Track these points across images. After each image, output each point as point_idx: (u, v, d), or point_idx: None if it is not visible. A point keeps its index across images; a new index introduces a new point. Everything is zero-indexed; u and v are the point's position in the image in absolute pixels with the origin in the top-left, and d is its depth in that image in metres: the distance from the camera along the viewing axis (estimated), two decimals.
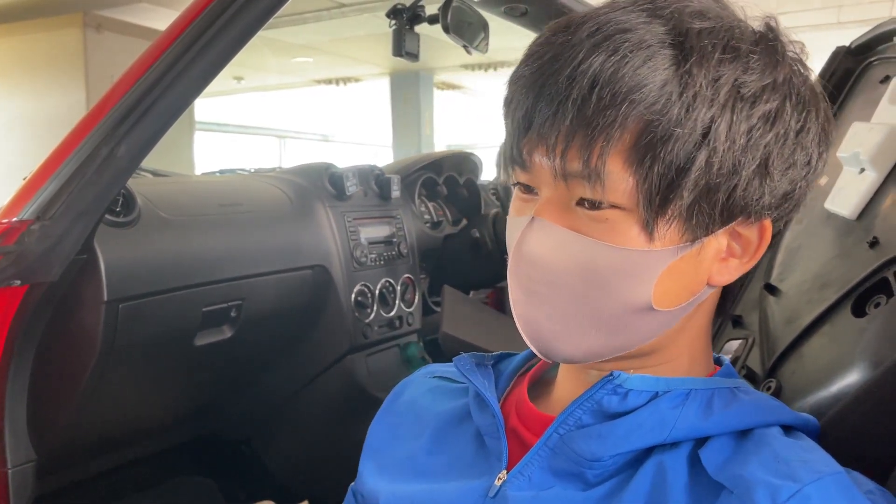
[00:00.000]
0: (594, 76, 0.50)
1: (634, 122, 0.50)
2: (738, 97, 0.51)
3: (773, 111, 0.52)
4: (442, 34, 1.46)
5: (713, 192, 0.52)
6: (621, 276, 0.53)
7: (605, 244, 0.53)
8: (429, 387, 0.74)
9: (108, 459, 1.54)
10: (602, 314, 0.55)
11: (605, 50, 0.51)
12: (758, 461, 0.51)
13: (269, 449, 1.78)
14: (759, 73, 0.52)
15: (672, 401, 0.56)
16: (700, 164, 0.51)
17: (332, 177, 1.69)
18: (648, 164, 0.51)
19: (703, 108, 0.50)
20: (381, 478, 0.67)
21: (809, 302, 0.87)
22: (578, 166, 0.52)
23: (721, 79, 0.51)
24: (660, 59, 0.51)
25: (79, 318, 1.17)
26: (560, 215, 0.55)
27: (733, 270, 0.57)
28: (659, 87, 0.50)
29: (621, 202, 0.52)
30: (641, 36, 0.51)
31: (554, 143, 0.52)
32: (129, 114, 1.02)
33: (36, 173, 1.05)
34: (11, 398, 1.10)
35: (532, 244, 0.55)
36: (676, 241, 0.53)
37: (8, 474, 1.10)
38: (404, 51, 1.49)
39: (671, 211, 0.52)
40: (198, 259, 1.32)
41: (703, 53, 0.51)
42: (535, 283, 0.56)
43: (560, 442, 0.57)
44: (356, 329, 1.67)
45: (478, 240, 1.90)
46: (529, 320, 0.57)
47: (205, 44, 1.03)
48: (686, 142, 0.50)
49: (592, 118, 0.50)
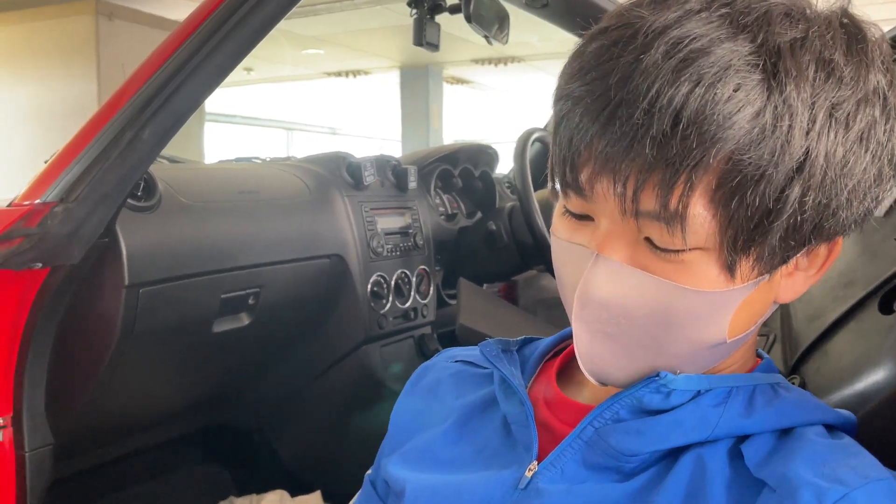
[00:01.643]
0: (676, 111, 0.45)
1: (722, 161, 0.45)
2: (833, 120, 0.46)
3: (867, 128, 0.48)
4: (453, 28, 1.45)
5: (802, 226, 0.48)
6: (698, 317, 0.50)
7: (682, 288, 0.49)
8: (451, 371, 0.71)
9: (122, 445, 1.54)
10: (672, 351, 0.53)
11: (689, 79, 0.45)
12: (802, 460, 0.50)
13: (282, 438, 1.78)
14: (852, 88, 0.47)
15: (714, 399, 0.54)
16: (793, 203, 0.46)
17: (349, 166, 1.69)
18: (736, 206, 0.46)
19: (799, 140, 0.45)
20: (405, 466, 0.66)
21: (834, 299, 0.87)
22: (654, 207, 0.47)
23: (818, 101, 0.46)
24: (750, 86, 0.45)
25: (99, 301, 1.16)
26: (626, 251, 0.50)
27: (800, 286, 0.54)
28: (750, 121, 0.45)
29: (700, 244, 0.48)
30: (727, 59, 0.45)
31: (626, 180, 0.47)
32: (153, 98, 1.02)
33: (59, 156, 1.05)
34: (30, 381, 1.10)
35: (601, 286, 0.51)
36: (756, 274, 0.50)
37: (25, 457, 1.10)
38: (425, 41, 1.49)
39: (756, 251, 0.48)
40: (217, 245, 1.31)
41: (799, 75, 0.45)
42: (603, 325, 0.52)
43: (595, 435, 0.55)
44: (371, 319, 1.66)
45: (493, 233, 1.89)
46: (593, 358, 0.54)
47: (229, 30, 1.03)
48: (779, 180, 0.46)
49: (675, 158, 0.45)
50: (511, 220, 1.90)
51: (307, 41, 7.59)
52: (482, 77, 9.80)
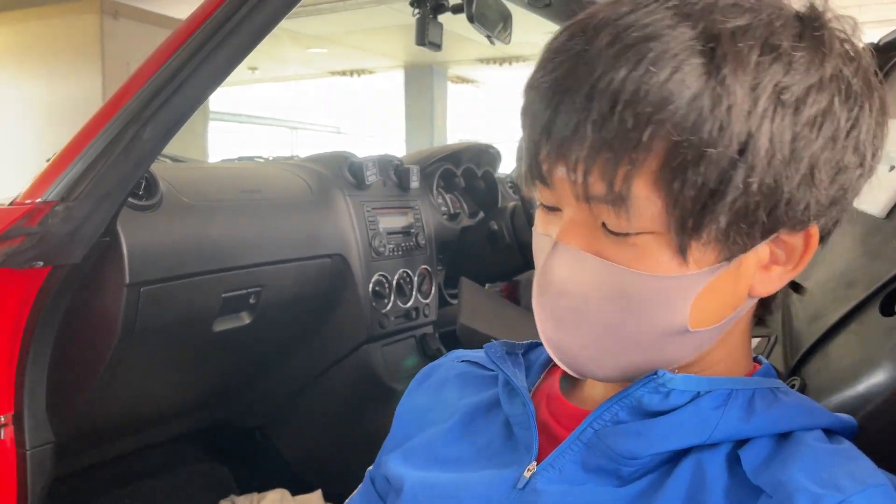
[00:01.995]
0: (614, 94, 0.46)
1: (662, 143, 0.46)
2: (779, 104, 0.46)
3: (821, 113, 0.47)
4: (457, 27, 1.45)
5: (752, 210, 0.48)
6: (655, 302, 0.51)
7: (636, 272, 0.50)
8: (457, 372, 0.72)
9: (123, 444, 1.55)
10: (636, 340, 0.53)
11: (627, 63, 0.46)
12: (799, 466, 0.49)
13: (283, 437, 1.78)
14: (803, 73, 0.47)
15: (714, 401, 0.54)
16: (737, 185, 0.46)
17: (351, 166, 1.69)
18: (678, 187, 0.47)
19: (738, 122, 0.45)
20: (406, 463, 0.66)
21: (835, 300, 0.86)
22: (602, 190, 0.48)
23: (759, 86, 0.46)
24: (688, 69, 0.46)
25: (100, 300, 1.17)
26: (584, 238, 0.51)
27: (776, 280, 0.53)
28: (688, 103, 0.45)
29: (650, 227, 0.48)
30: (667, 44, 0.46)
31: (575, 164, 0.48)
32: (155, 96, 1.02)
33: (60, 155, 1.05)
34: (31, 380, 1.10)
35: (557, 272, 0.52)
36: (712, 261, 0.50)
37: (27, 455, 1.11)
38: (427, 40, 1.49)
39: (706, 235, 0.48)
40: (218, 244, 1.32)
41: (738, 59, 0.46)
42: (563, 311, 0.53)
43: (594, 437, 0.55)
44: (373, 319, 1.66)
45: (495, 232, 1.89)
46: (560, 347, 0.55)
47: (231, 28, 1.03)
48: (720, 161, 0.46)
49: (614, 141, 0.46)
50: (513, 219, 1.90)
51: (311, 40, 7.60)
52: (486, 76, 9.81)
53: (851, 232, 0.94)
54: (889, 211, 0.87)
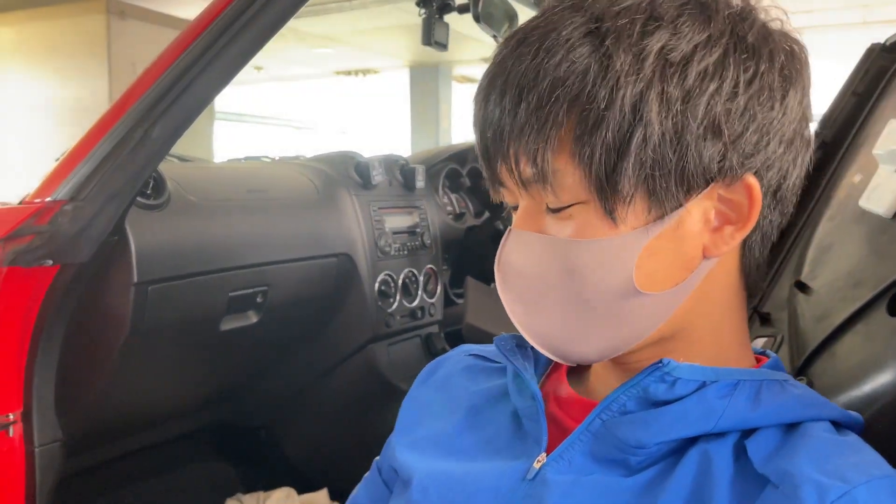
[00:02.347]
0: (519, 83, 0.52)
1: (566, 115, 0.51)
2: (666, 64, 0.50)
3: (712, 65, 0.51)
4: (462, 27, 1.46)
5: (663, 164, 0.51)
6: (598, 268, 0.53)
7: (574, 241, 0.53)
8: (464, 365, 0.73)
9: (130, 442, 1.55)
10: (595, 310, 0.55)
11: (528, 55, 0.52)
12: (806, 456, 0.50)
13: (289, 436, 1.79)
14: (688, 34, 0.51)
15: (720, 391, 0.55)
16: (637, 141, 0.50)
17: (357, 166, 1.69)
18: (588, 153, 0.51)
19: (628, 86, 0.50)
20: (414, 453, 0.66)
21: (842, 300, 0.86)
22: (530, 171, 0.53)
23: (644, 51, 0.50)
24: (578, 48, 0.51)
25: (108, 299, 1.17)
26: (534, 222, 0.55)
27: (728, 239, 0.55)
28: (581, 77, 0.50)
29: (577, 198, 0.52)
30: (559, 32, 0.51)
31: (506, 155, 0.53)
32: (163, 96, 1.03)
33: (69, 154, 1.06)
34: (40, 378, 1.11)
35: (511, 256, 0.57)
36: (644, 220, 0.53)
37: (35, 453, 1.11)
38: (433, 40, 1.49)
39: (626, 192, 0.51)
40: (225, 244, 1.32)
41: (619, 31, 0.51)
42: (524, 293, 0.57)
43: (603, 427, 0.56)
44: (379, 318, 1.67)
45: (501, 232, 1.89)
46: (533, 332, 0.58)
47: (239, 28, 1.03)
48: (618, 122, 0.50)
49: (526, 123, 0.51)
50: None
51: (317, 40, 7.61)
52: None
53: (858, 232, 0.94)
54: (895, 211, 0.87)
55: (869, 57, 1.16)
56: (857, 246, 0.93)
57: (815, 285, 0.97)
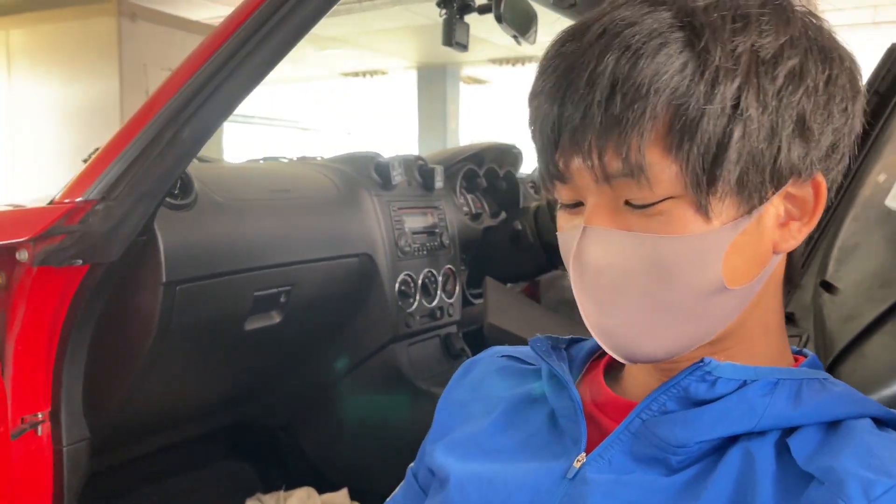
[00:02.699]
0: (612, 75, 0.51)
1: (663, 109, 0.50)
2: (759, 62, 0.51)
3: (797, 66, 0.52)
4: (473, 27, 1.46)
5: (758, 159, 0.52)
6: (688, 264, 0.53)
7: (665, 237, 0.52)
8: (497, 366, 0.73)
9: (154, 441, 1.56)
10: (677, 307, 0.54)
11: (618, 47, 0.51)
12: (850, 453, 0.50)
13: (309, 436, 1.79)
14: (773, 34, 0.52)
15: (761, 389, 0.55)
16: (738, 136, 0.51)
17: (378, 166, 1.70)
18: (687, 146, 0.51)
19: (727, 81, 0.50)
20: (451, 454, 0.66)
21: (870, 300, 0.86)
22: (619, 165, 0.52)
23: (738, 48, 0.51)
24: (673, 43, 0.51)
25: (137, 298, 1.18)
26: (611, 218, 0.54)
27: (796, 234, 0.56)
28: (679, 71, 0.50)
29: (669, 191, 0.52)
30: (650, 26, 0.51)
31: (589, 148, 0.52)
32: (193, 98, 1.03)
33: (99, 155, 1.07)
34: (69, 377, 1.12)
35: (591, 253, 0.55)
36: (734, 215, 0.53)
37: (63, 452, 1.12)
38: (454, 41, 1.50)
39: (721, 187, 0.52)
40: (251, 243, 1.33)
41: (714, 27, 0.51)
42: (603, 292, 0.55)
43: (643, 427, 0.56)
44: (399, 318, 1.67)
45: (518, 232, 1.89)
46: (606, 330, 0.56)
47: (267, 32, 1.04)
48: (719, 117, 0.50)
49: (621, 115, 0.51)
50: (536, 219, 1.91)
51: (326, 41, 7.62)
52: (500, 77, 9.80)
53: (883, 232, 0.94)
54: None
55: (890, 56, 1.15)
56: (883, 246, 0.93)
57: (840, 285, 0.97)
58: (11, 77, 5.51)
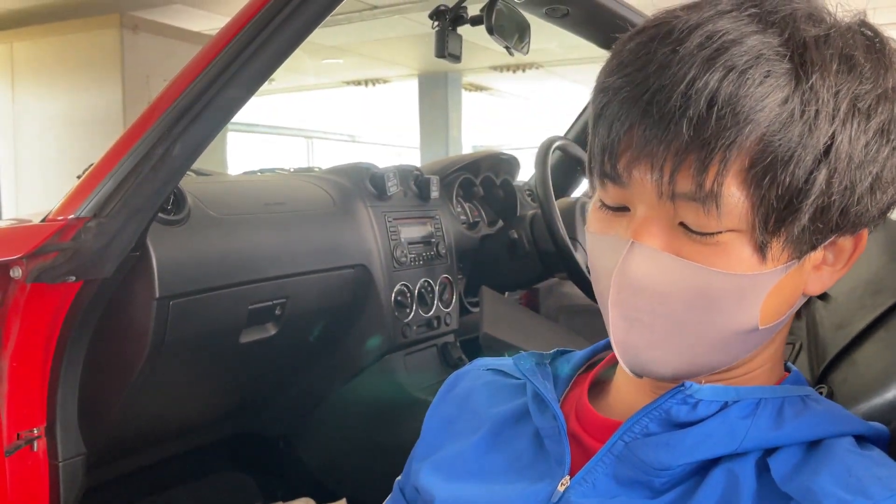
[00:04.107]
0: (712, 94, 0.48)
1: (754, 142, 0.48)
2: (856, 110, 0.49)
3: (887, 122, 0.51)
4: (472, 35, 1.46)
5: (829, 210, 0.50)
6: (731, 301, 0.52)
7: (717, 272, 0.51)
8: (483, 381, 0.73)
9: (151, 454, 1.56)
10: (706, 338, 0.53)
11: (722, 65, 0.48)
12: (828, 473, 0.50)
13: (308, 446, 1.79)
14: (872, 83, 0.50)
15: (742, 410, 0.55)
16: (820, 185, 0.49)
17: (373, 177, 1.70)
18: (767, 185, 0.49)
19: (825, 125, 0.48)
20: (436, 474, 0.66)
21: (862, 307, 0.86)
22: (690, 188, 0.49)
23: (841, 92, 0.49)
24: (779, 73, 0.48)
25: (130, 314, 1.18)
26: (662, 237, 0.52)
27: (826, 279, 0.55)
28: (780, 105, 0.48)
29: (735, 225, 0.50)
30: (758, 49, 0.49)
31: (662, 162, 0.50)
32: (184, 114, 1.04)
33: (92, 171, 1.07)
34: (63, 392, 1.12)
35: (636, 272, 0.53)
36: (786, 259, 0.52)
37: (59, 467, 1.12)
38: (447, 52, 1.50)
39: (787, 232, 0.50)
40: (245, 257, 1.33)
41: (823, 66, 0.49)
42: (639, 312, 0.54)
43: (625, 449, 0.56)
44: (396, 328, 1.67)
45: (515, 241, 1.89)
46: (630, 347, 0.55)
47: (258, 46, 1.04)
48: (807, 162, 0.48)
49: (710, 138, 0.48)
50: (533, 228, 1.91)
51: (327, 51, 7.64)
52: (501, 84, 9.80)
53: (876, 239, 0.94)
54: None
55: None
56: (876, 253, 0.93)
57: (833, 293, 0.97)
58: (15, 89, 5.53)
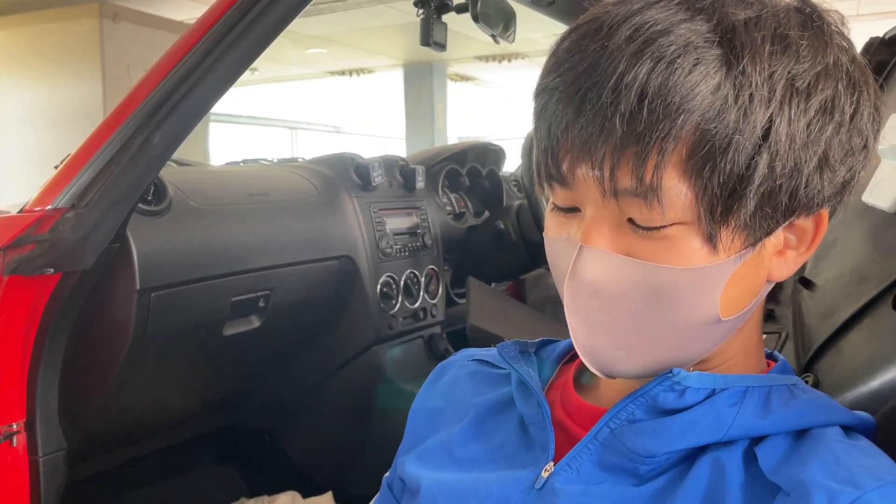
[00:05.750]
0: (642, 87, 0.47)
1: (690, 132, 0.47)
2: (793, 91, 0.48)
3: (829, 99, 0.49)
4: (458, 25, 1.45)
5: (776, 194, 0.49)
6: (687, 294, 0.51)
7: (667, 268, 0.50)
8: (468, 371, 0.72)
9: (135, 448, 1.55)
10: (668, 334, 0.53)
11: (650, 57, 0.47)
12: (817, 463, 0.49)
13: (293, 439, 1.78)
14: (810, 61, 0.49)
15: (729, 398, 0.54)
16: (763, 169, 0.48)
17: (357, 167, 1.69)
18: (708, 175, 0.48)
19: (760, 109, 0.47)
20: (421, 464, 0.66)
21: (847, 297, 0.86)
22: (631, 183, 0.48)
23: (776, 74, 0.48)
24: (709, 60, 0.47)
25: (111, 306, 1.17)
26: (609, 237, 0.51)
27: (791, 263, 0.55)
28: (712, 92, 0.47)
29: (680, 218, 0.49)
30: (686, 37, 0.47)
31: (602, 160, 0.49)
32: (163, 103, 1.02)
33: (70, 161, 1.05)
34: (43, 386, 1.10)
35: (587, 275, 0.52)
36: (739, 248, 0.51)
37: (39, 462, 1.11)
38: (432, 40, 1.49)
39: (734, 221, 0.49)
40: (227, 248, 1.32)
41: (754, 48, 0.48)
42: (596, 314, 0.53)
43: (611, 436, 0.56)
44: (381, 320, 1.67)
45: (502, 231, 1.89)
46: (593, 350, 0.55)
47: (238, 34, 1.03)
48: (746, 147, 0.47)
49: (644, 132, 0.47)
50: (519, 218, 1.90)
51: (310, 40, 7.60)
52: (487, 74, 9.79)
53: (861, 228, 0.94)
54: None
55: (868, 51, 1.16)
56: (861, 242, 0.93)
57: (819, 281, 0.97)
58: None
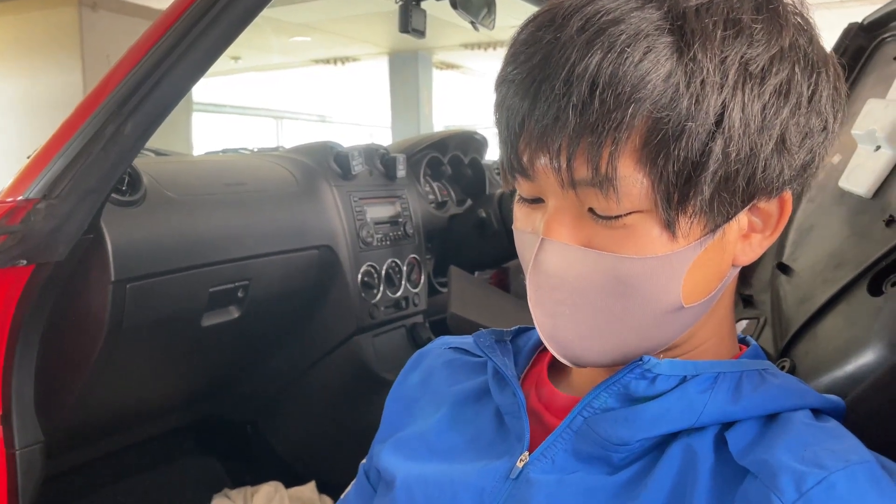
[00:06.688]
0: (592, 77, 0.47)
1: (642, 120, 0.47)
2: (747, 75, 0.48)
3: (784, 82, 0.49)
4: (442, 12, 1.44)
5: (732, 179, 0.49)
6: (648, 283, 0.51)
7: (627, 258, 0.50)
8: (445, 359, 0.72)
9: (115, 440, 1.54)
10: (632, 323, 0.53)
11: (601, 47, 0.47)
12: (784, 446, 0.50)
13: (276, 430, 1.78)
14: (764, 44, 0.49)
15: (700, 385, 0.54)
16: (717, 155, 0.48)
17: (337, 156, 1.68)
18: (662, 162, 0.48)
19: (713, 95, 0.47)
20: (397, 454, 0.66)
21: (824, 282, 0.87)
22: (587, 174, 0.49)
23: (728, 59, 0.48)
24: (660, 48, 0.47)
25: (86, 298, 1.16)
26: (571, 227, 0.52)
27: (756, 247, 0.55)
28: (664, 80, 0.47)
29: (637, 206, 0.49)
30: (637, 25, 0.47)
31: (558, 151, 0.49)
32: (135, 91, 1.01)
33: (41, 151, 1.04)
34: (19, 379, 1.09)
35: (549, 268, 0.52)
36: (699, 234, 0.51)
37: (16, 455, 1.10)
38: (411, 27, 1.47)
39: (692, 207, 0.49)
40: (204, 239, 1.31)
41: (705, 35, 0.48)
42: (560, 306, 0.53)
43: (584, 425, 0.56)
44: (363, 310, 1.66)
45: (484, 220, 1.89)
46: (560, 341, 0.55)
47: (211, 20, 1.01)
48: (699, 134, 0.47)
49: (597, 123, 0.47)
50: (501, 206, 1.90)
51: (294, 28, 7.54)
52: (472, 62, 9.77)
53: (838, 213, 0.95)
54: (875, 191, 0.87)
55: (847, 36, 1.16)
56: (837, 227, 0.94)
57: (796, 267, 0.98)
58: None
